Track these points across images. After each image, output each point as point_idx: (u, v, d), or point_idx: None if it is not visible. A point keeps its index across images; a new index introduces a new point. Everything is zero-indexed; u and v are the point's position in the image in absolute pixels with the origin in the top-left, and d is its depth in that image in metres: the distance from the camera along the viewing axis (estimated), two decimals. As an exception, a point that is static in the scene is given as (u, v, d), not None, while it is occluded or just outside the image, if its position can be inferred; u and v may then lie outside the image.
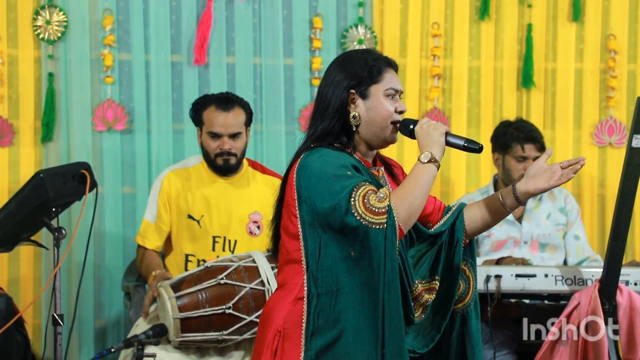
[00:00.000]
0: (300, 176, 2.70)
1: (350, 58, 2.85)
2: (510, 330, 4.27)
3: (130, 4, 4.75)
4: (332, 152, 2.73)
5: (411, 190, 2.67)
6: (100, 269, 4.73)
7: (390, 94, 2.81)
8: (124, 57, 4.78)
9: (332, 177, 2.65)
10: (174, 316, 3.64)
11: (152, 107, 4.77)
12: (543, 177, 2.84)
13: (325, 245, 2.66)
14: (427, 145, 2.74)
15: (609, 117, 5.12)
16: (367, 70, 2.80)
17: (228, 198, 4.16)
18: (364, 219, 2.60)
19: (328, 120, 2.79)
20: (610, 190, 5.06)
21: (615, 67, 5.10)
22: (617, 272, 3.71)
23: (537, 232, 4.55)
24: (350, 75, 2.79)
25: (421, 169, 2.70)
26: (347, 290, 2.64)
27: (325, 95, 2.81)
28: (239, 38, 4.86)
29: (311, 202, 2.67)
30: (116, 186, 4.75)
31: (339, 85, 2.79)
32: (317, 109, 2.83)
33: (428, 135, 2.75)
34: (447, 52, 5.03)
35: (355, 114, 2.79)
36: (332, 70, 2.84)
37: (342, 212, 2.60)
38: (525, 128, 4.50)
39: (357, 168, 2.72)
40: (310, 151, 2.75)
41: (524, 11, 5.07)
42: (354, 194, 2.62)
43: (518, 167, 4.47)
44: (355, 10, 4.95)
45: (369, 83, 2.79)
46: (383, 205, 2.61)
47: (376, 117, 2.79)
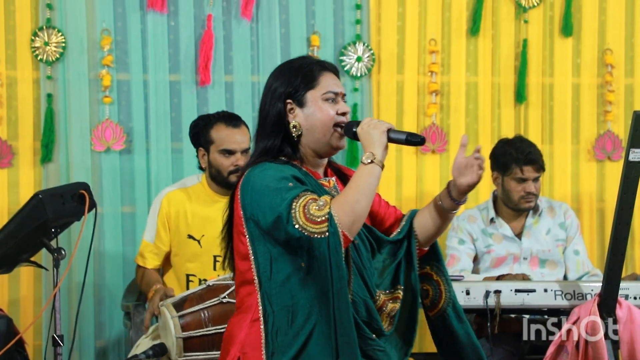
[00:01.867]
0: (244, 194, 2.67)
1: (286, 66, 2.82)
2: (511, 345, 4.27)
3: (128, 24, 4.77)
4: (274, 165, 2.69)
5: (352, 195, 2.60)
6: (101, 289, 4.74)
7: (329, 97, 2.75)
8: (122, 77, 4.79)
9: (273, 190, 2.61)
10: (177, 335, 3.63)
11: (150, 126, 4.78)
12: (468, 171, 2.83)
13: (276, 260, 2.62)
14: (369, 145, 2.68)
15: (607, 131, 5.13)
16: (301, 77, 2.75)
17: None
18: (305, 229, 2.55)
19: (268, 136, 2.75)
20: (609, 205, 5.06)
21: (613, 82, 5.11)
22: (616, 286, 3.71)
23: (537, 248, 4.55)
24: (285, 84, 2.75)
25: (363, 171, 2.64)
26: (302, 303, 2.61)
27: (264, 107, 2.78)
28: (237, 57, 4.87)
29: (256, 219, 2.63)
30: (115, 206, 4.76)
31: (274, 96, 2.75)
32: (259, 123, 2.80)
33: (369, 135, 2.68)
34: (444, 68, 5.05)
35: (295, 124, 2.74)
36: (269, 81, 2.81)
37: (284, 224, 2.56)
38: (525, 149, 4.49)
39: (299, 179, 2.66)
40: (253, 167, 2.71)
41: (521, 27, 5.09)
42: (294, 204, 2.56)
43: (517, 189, 4.47)
44: (353, 28, 4.97)
45: (305, 90, 2.74)
46: (323, 214, 2.55)
47: (316, 123, 2.74)
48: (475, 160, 2.83)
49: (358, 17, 4.96)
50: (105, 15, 4.75)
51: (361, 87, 4.97)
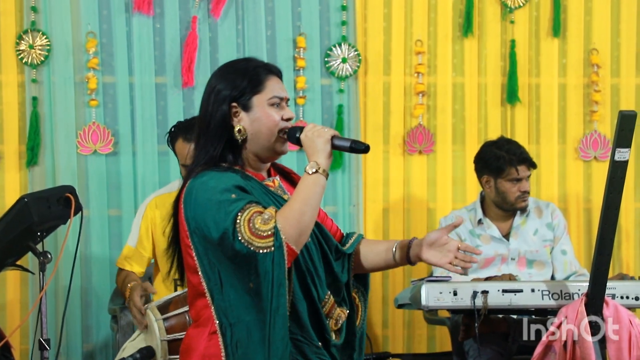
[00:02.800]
0: (187, 206, 2.61)
1: (230, 68, 2.73)
2: (498, 345, 4.26)
3: (113, 27, 4.76)
4: (216, 175, 2.61)
5: (298, 206, 2.55)
6: (87, 292, 4.73)
7: (274, 102, 2.68)
8: (108, 79, 4.79)
9: (217, 203, 2.54)
10: (162, 338, 3.61)
11: (137, 129, 4.78)
12: (439, 251, 2.78)
13: (226, 276, 2.55)
14: (313, 154, 2.62)
15: (594, 131, 5.14)
16: (247, 80, 2.67)
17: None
18: (251, 244, 2.49)
19: (211, 141, 2.66)
20: (596, 204, 5.07)
21: (599, 82, 5.12)
22: (603, 285, 3.71)
23: (525, 249, 4.55)
24: (231, 86, 2.66)
25: (308, 181, 2.59)
26: (253, 322, 2.55)
27: (206, 110, 2.69)
28: (223, 58, 4.85)
29: (201, 233, 2.57)
30: (102, 209, 4.75)
31: (218, 98, 2.67)
32: (200, 126, 2.71)
33: (313, 143, 2.62)
34: (430, 69, 5.05)
35: (240, 128, 2.66)
36: (212, 82, 2.72)
37: (231, 241, 2.50)
38: (515, 150, 4.49)
39: (243, 188, 2.59)
40: (194, 178, 2.64)
41: (507, 27, 5.10)
42: (239, 218, 2.51)
43: (513, 189, 4.47)
44: (339, 29, 4.97)
45: (251, 94, 2.67)
46: (269, 228, 2.50)
47: (261, 129, 2.67)
48: (456, 250, 2.76)
49: (344, 18, 4.96)
50: (90, 17, 4.74)
51: (347, 89, 4.97)
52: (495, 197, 4.53)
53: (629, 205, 5.16)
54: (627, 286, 3.92)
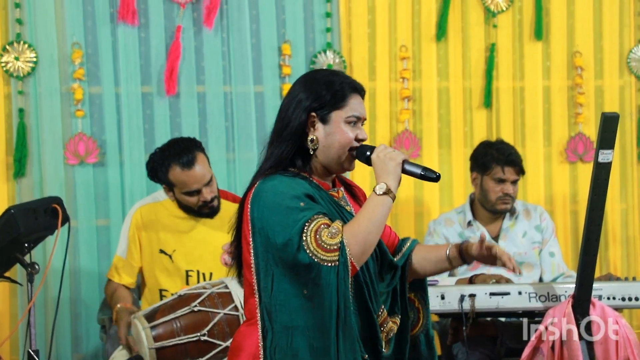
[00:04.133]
0: (254, 206, 2.64)
1: (315, 78, 2.76)
2: (487, 348, 4.28)
3: (98, 37, 4.77)
4: (286, 180, 2.65)
5: (365, 225, 2.60)
6: (77, 303, 4.72)
7: (351, 121, 2.72)
8: (94, 90, 4.79)
9: (285, 209, 2.58)
10: (149, 346, 3.63)
11: (123, 139, 4.78)
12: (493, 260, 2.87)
13: (278, 280, 2.58)
14: (383, 175, 2.66)
15: (578, 133, 5.17)
16: (331, 94, 2.71)
17: (200, 231, 4.15)
18: (315, 256, 2.53)
19: (284, 144, 2.69)
20: (582, 206, 5.08)
21: (582, 84, 5.15)
22: (589, 287, 3.73)
23: (513, 251, 4.57)
24: (313, 96, 2.70)
25: (376, 202, 2.63)
26: (301, 329, 2.57)
27: (286, 113, 2.72)
28: (209, 67, 4.88)
29: (264, 234, 2.60)
30: (90, 219, 4.75)
31: (299, 106, 2.70)
32: (276, 128, 2.74)
33: (384, 165, 2.67)
34: (415, 73, 5.07)
35: (314, 138, 2.70)
36: (295, 88, 2.75)
37: (294, 249, 2.53)
38: (506, 151, 4.52)
39: (312, 197, 2.64)
40: (264, 179, 2.67)
41: (490, 31, 5.12)
42: (306, 229, 2.55)
43: (496, 189, 4.50)
44: (324, 36, 4.99)
45: (331, 108, 2.70)
46: (335, 242, 2.54)
47: (334, 144, 2.71)
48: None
49: (328, 25, 4.97)
50: (75, 28, 4.74)
51: (333, 95, 4.97)
52: (479, 195, 4.56)
53: (615, 207, 5.19)
54: (614, 287, 3.94)
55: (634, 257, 5.19)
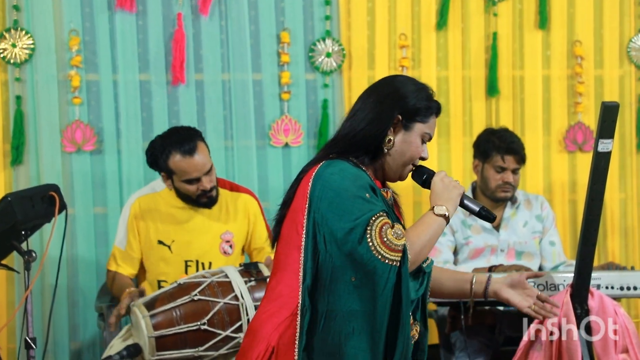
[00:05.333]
0: (316, 186, 2.64)
1: (407, 86, 2.78)
2: (485, 337, 4.28)
3: (96, 25, 4.75)
4: (351, 169, 2.68)
5: (424, 238, 2.66)
6: (74, 291, 4.72)
7: (425, 138, 2.78)
8: (92, 77, 4.77)
9: (351, 196, 2.60)
10: (149, 335, 3.63)
11: (121, 126, 4.77)
12: (519, 293, 2.99)
13: (325, 262, 2.60)
14: (444, 199, 2.73)
15: (578, 123, 5.15)
16: (424, 106, 2.75)
17: (198, 221, 4.14)
18: (378, 251, 2.56)
19: (374, 130, 2.72)
20: (581, 195, 5.08)
21: (582, 73, 5.13)
22: (588, 276, 3.72)
23: (514, 240, 4.56)
24: (405, 102, 2.73)
25: (435, 221, 2.70)
26: (342, 312, 2.59)
27: (374, 107, 2.74)
28: (207, 55, 4.86)
29: (322, 215, 2.61)
30: (87, 207, 4.74)
31: (391, 106, 2.73)
32: (362, 115, 2.75)
33: (448, 191, 2.74)
34: (415, 62, 5.05)
35: (391, 139, 2.73)
36: (385, 88, 2.79)
37: (356, 240, 2.56)
38: (508, 139, 4.52)
39: (374, 189, 2.67)
40: (329, 161, 2.69)
41: (490, 20, 5.10)
42: (372, 222, 2.57)
43: (496, 177, 4.49)
44: (323, 24, 4.97)
45: (418, 119, 2.74)
46: (400, 243, 2.58)
47: (406, 153, 2.75)
48: (534, 297, 3.00)
49: (327, 13, 4.95)
50: (73, 15, 4.72)
51: (332, 83, 4.96)
52: (480, 183, 4.56)
53: (613, 196, 5.18)
54: (612, 276, 3.94)
55: (632, 247, 5.19)
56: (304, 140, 4.94)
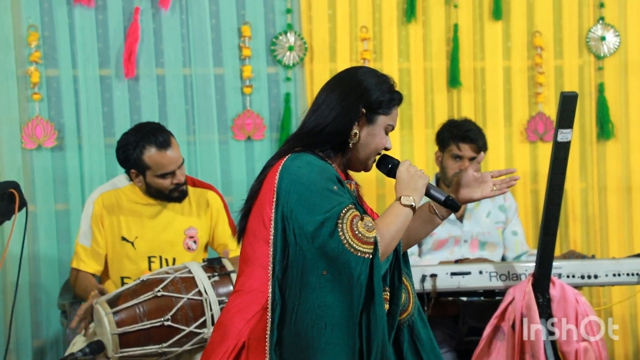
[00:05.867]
0: (283, 179, 2.64)
1: (370, 78, 2.79)
2: (449, 328, 4.31)
3: (55, 20, 4.71)
4: (318, 162, 2.69)
5: (393, 229, 2.66)
6: (36, 288, 4.69)
7: (388, 129, 2.80)
8: (51, 73, 4.73)
9: (320, 189, 2.61)
10: (112, 332, 3.61)
11: (82, 122, 4.73)
12: (475, 187, 2.91)
13: (295, 255, 2.60)
14: (410, 189, 2.73)
15: (539, 113, 5.18)
16: (387, 99, 2.77)
17: (162, 217, 4.12)
18: (350, 244, 2.57)
19: (339, 126, 2.73)
20: (543, 185, 5.07)
21: (542, 64, 5.16)
22: (549, 265, 3.76)
23: (477, 231, 4.59)
24: (368, 95, 2.75)
25: (402, 211, 2.70)
26: (312, 305, 2.58)
27: (338, 102, 2.75)
28: (168, 49, 4.84)
29: (291, 209, 2.61)
30: (49, 204, 4.71)
31: (355, 100, 2.75)
32: (326, 110, 2.76)
33: (413, 180, 2.74)
34: (376, 55, 5.06)
35: (357, 132, 2.75)
36: (348, 81, 2.79)
37: (328, 233, 2.57)
38: (464, 127, 4.54)
39: (341, 182, 2.68)
40: (296, 154, 2.70)
41: (451, 12, 5.12)
42: (342, 216, 2.59)
43: (453, 166, 4.51)
44: (284, 17, 4.96)
45: (381, 112, 2.76)
46: (372, 235, 2.59)
47: (370, 145, 2.77)
48: (490, 179, 2.92)
49: (289, 6, 4.94)
50: (31, 10, 4.68)
51: (294, 77, 4.96)
52: (440, 173, 4.58)
53: (575, 186, 5.22)
54: (573, 265, 3.98)
55: (593, 236, 5.23)
56: (266, 134, 4.94)
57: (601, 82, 5.21)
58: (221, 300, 3.73)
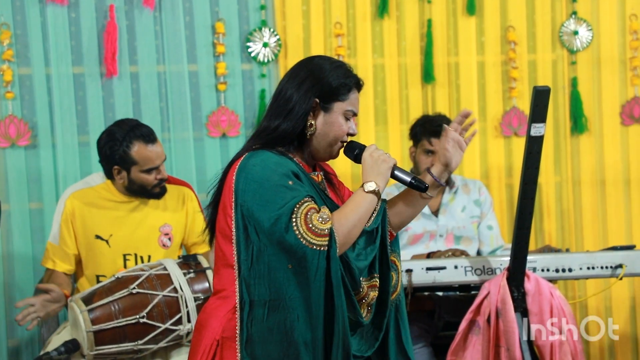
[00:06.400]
0: (240, 178, 2.67)
1: (324, 66, 2.80)
2: (425, 323, 4.32)
3: (27, 18, 4.68)
4: (274, 157, 2.70)
5: (352, 218, 2.66)
6: (11, 287, 4.66)
7: (348, 115, 2.79)
8: (24, 71, 4.71)
9: (274, 185, 2.62)
10: (87, 329, 3.60)
11: (55, 120, 4.70)
12: (456, 150, 2.88)
13: (260, 252, 2.62)
14: (374, 175, 2.72)
15: (513, 108, 5.20)
16: (338, 85, 2.76)
17: (136, 214, 4.11)
18: (304, 238, 2.58)
19: (292, 122, 2.74)
20: (517, 180, 5.06)
21: (516, 58, 5.18)
22: (523, 259, 3.77)
23: (453, 225, 4.60)
24: (321, 84, 2.76)
25: (364, 198, 2.70)
26: (282, 303, 2.61)
27: (291, 96, 2.76)
28: (142, 47, 4.82)
29: (248, 207, 2.63)
30: (23, 203, 4.68)
31: (307, 92, 2.75)
32: (279, 106, 2.78)
33: (377, 165, 2.73)
34: (351, 51, 5.06)
35: (312, 123, 2.76)
36: (301, 72, 2.80)
37: (282, 229, 2.58)
38: (436, 122, 4.55)
39: (298, 175, 2.68)
40: (252, 152, 2.71)
41: (424, 7, 5.13)
42: (296, 210, 2.59)
43: (426, 161, 4.52)
44: (258, 14, 4.95)
45: (335, 99, 2.77)
46: (326, 227, 2.59)
47: (329, 133, 2.77)
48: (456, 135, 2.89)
49: (262, 2, 4.94)
50: (3, 8, 4.65)
51: (269, 73, 4.96)
52: (414, 168, 4.59)
53: (549, 180, 5.24)
54: (548, 259, 3.99)
55: (568, 230, 5.26)
56: (241, 130, 4.93)
57: (574, 77, 5.24)
58: (197, 297, 3.73)
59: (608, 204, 5.28)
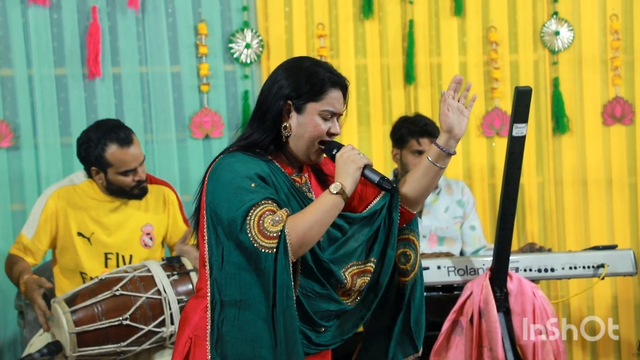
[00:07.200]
0: (210, 180, 2.68)
1: (298, 66, 2.76)
2: (408, 323, 4.31)
3: (9, 19, 4.67)
4: (245, 159, 2.68)
5: (309, 220, 2.61)
6: (-8, 289, 4.65)
7: (325, 115, 2.72)
8: (6, 72, 4.70)
9: (235, 188, 2.61)
10: (70, 331, 3.59)
11: (38, 122, 4.70)
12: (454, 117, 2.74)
13: (229, 253, 2.61)
14: (341, 176, 2.67)
15: (495, 108, 5.22)
16: (310, 85, 2.71)
17: (118, 213, 4.10)
18: (255, 240, 2.56)
19: (262, 130, 2.73)
20: (500, 180, 5.10)
21: (498, 59, 5.20)
22: (506, 259, 3.78)
23: (436, 226, 4.61)
24: (293, 84, 2.71)
25: (327, 200, 2.64)
26: (250, 302, 2.60)
27: (266, 98, 2.75)
28: (124, 48, 4.82)
29: (213, 208, 2.64)
30: (5, 204, 4.68)
31: (279, 92, 2.72)
32: (256, 109, 2.77)
33: (345, 166, 2.68)
34: (333, 52, 5.07)
35: (287, 125, 2.72)
36: (278, 73, 2.77)
37: (237, 230, 2.57)
38: (421, 122, 4.56)
39: (264, 178, 2.65)
40: (226, 155, 2.71)
41: (406, 8, 5.14)
42: (251, 212, 2.57)
43: (415, 161, 4.52)
44: (240, 15, 4.95)
45: (308, 99, 2.71)
46: (276, 230, 2.56)
47: (304, 134, 2.72)
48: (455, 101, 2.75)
49: (245, 3, 4.94)
50: (-16, 10, 4.65)
51: (251, 74, 4.96)
52: (401, 170, 4.60)
53: (531, 180, 5.26)
54: (530, 259, 4.01)
55: (550, 230, 5.28)
56: (224, 132, 4.93)
57: (556, 77, 5.26)
58: (180, 299, 3.73)
59: (590, 203, 5.30)
